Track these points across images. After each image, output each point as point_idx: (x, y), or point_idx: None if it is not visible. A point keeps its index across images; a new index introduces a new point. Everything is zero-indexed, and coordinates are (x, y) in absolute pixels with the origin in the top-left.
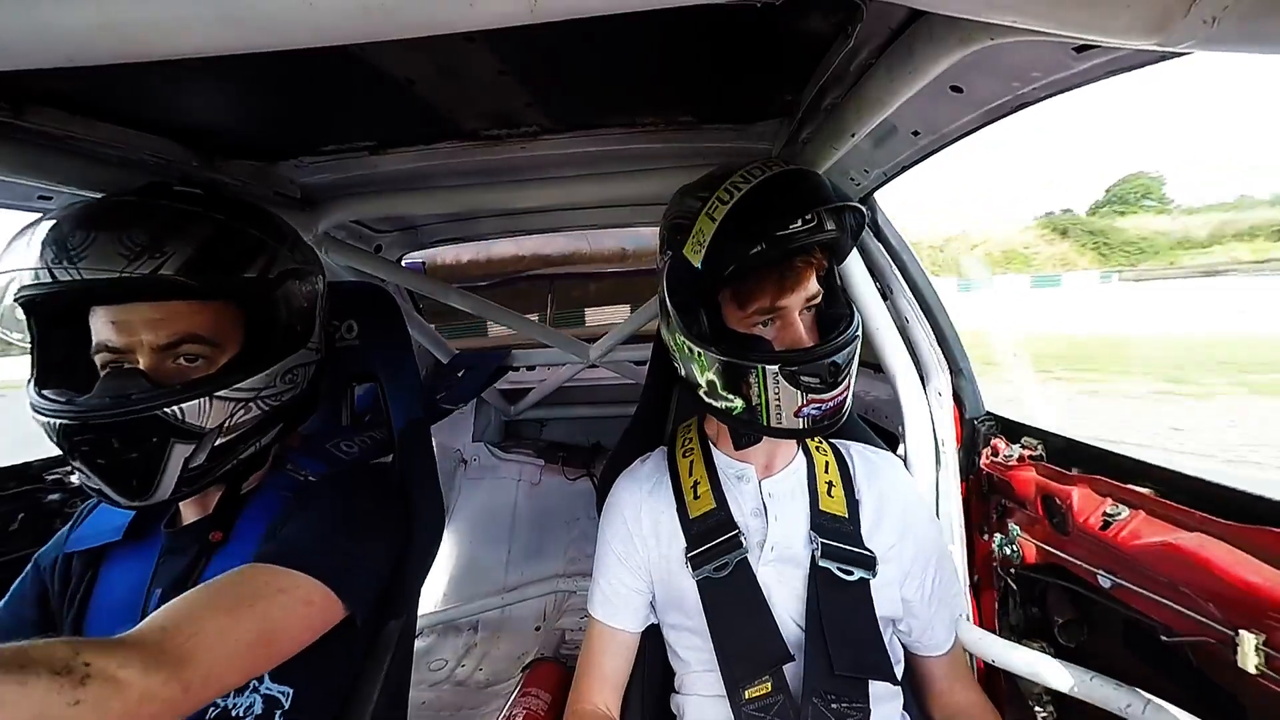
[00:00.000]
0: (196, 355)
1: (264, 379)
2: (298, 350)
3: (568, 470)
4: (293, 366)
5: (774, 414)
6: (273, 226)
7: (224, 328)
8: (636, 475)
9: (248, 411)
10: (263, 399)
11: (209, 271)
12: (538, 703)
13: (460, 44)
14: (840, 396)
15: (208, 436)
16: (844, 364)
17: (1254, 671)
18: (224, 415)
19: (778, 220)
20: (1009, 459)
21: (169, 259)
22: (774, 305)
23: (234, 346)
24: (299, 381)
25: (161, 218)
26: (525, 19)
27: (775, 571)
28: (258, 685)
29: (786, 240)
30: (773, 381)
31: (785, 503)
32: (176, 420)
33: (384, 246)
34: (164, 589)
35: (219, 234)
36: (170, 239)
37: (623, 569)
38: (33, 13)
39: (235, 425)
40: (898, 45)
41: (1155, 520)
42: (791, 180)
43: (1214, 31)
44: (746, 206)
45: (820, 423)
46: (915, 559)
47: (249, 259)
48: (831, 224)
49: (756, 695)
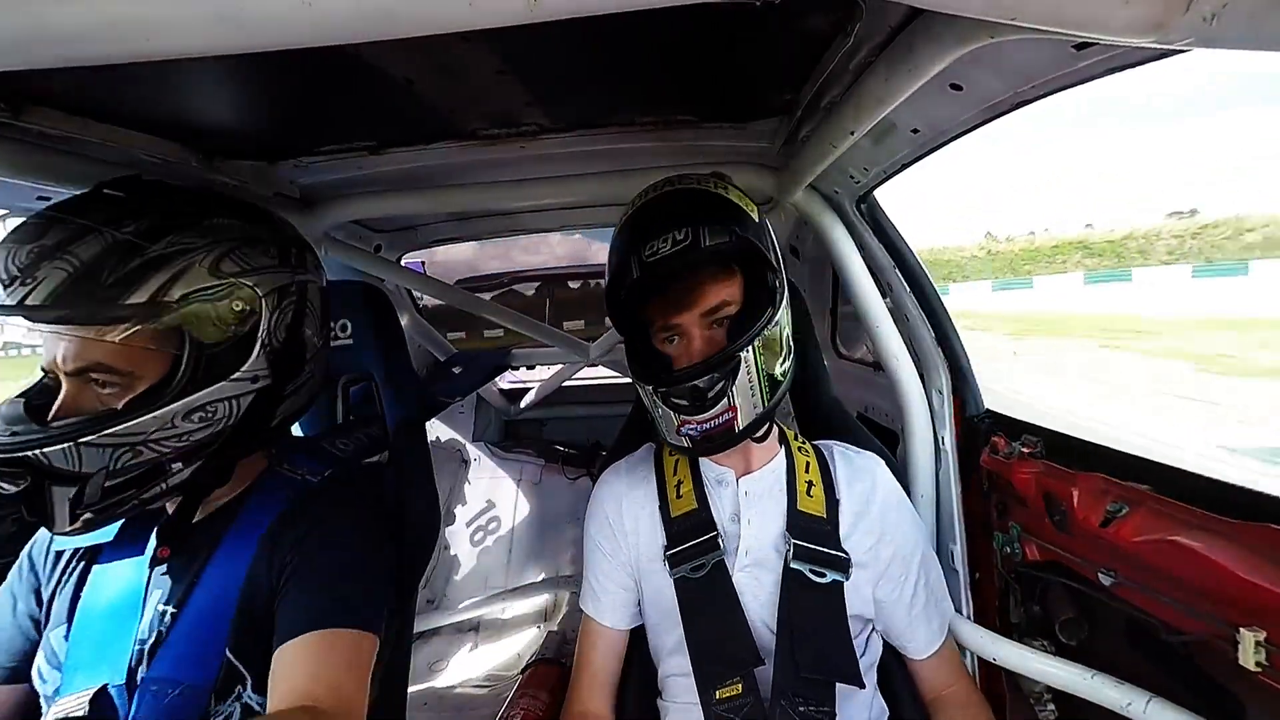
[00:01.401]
0: (108, 384)
1: (154, 421)
2: (214, 384)
3: (568, 470)
4: (204, 404)
5: (665, 431)
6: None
7: (136, 357)
8: (620, 471)
9: (135, 455)
10: (154, 442)
11: (80, 299)
12: (537, 703)
13: (460, 44)
14: (719, 418)
15: (90, 479)
16: (710, 386)
17: (1254, 669)
18: (102, 461)
19: (643, 245)
20: (1009, 457)
21: (38, 286)
22: (669, 323)
23: (152, 376)
24: (220, 418)
25: (53, 235)
26: (525, 18)
27: (750, 574)
28: (241, 691)
29: (657, 263)
30: (652, 401)
31: (762, 503)
32: (44, 464)
33: (384, 246)
34: (164, 590)
35: (103, 253)
36: (46, 262)
37: (608, 565)
38: (33, 13)
39: (123, 469)
40: (897, 43)
41: (1156, 517)
42: (664, 202)
43: (1213, 29)
44: (623, 235)
45: (702, 443)
46: (894, 561)
47: (137, 281)
48: (718, 239)
49: (727, 696)
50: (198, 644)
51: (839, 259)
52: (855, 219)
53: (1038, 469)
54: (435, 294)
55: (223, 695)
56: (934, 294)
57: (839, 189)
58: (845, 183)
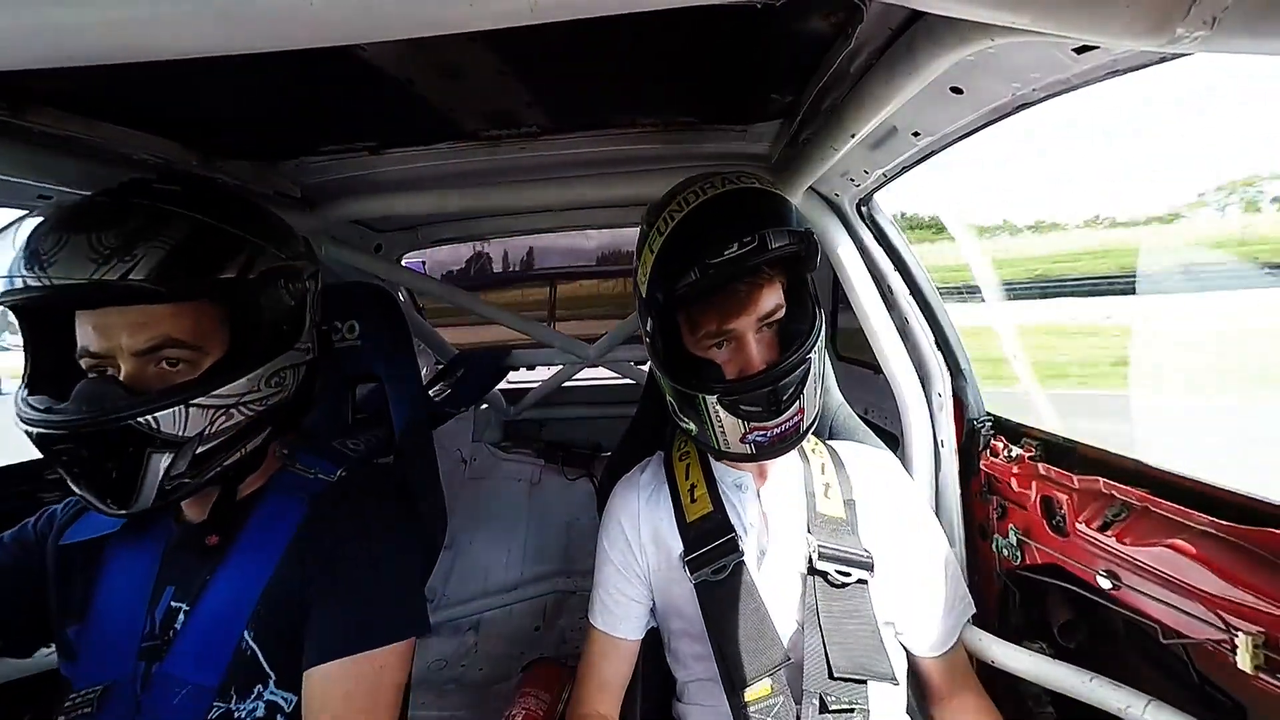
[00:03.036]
0: (178, 360)
1: (246, 384)
2: (284, 352)
3: (568, 470)
4: (279, 369)
5: (720, 439)
6: (257, 222)
7: (206, 331)
8: (634, 483)
9: (229, 418)
10: (245, 404)
11: (181, 274)
12: (537, 703)
13: (460, 44)
14: (789, 421)
15: (187, 445)
16: (785, 391)
17: (1251, 671)
18: (203, 423)
19: (710, 247)
20: (1009, 460)
21: (139, 263)
22: (721, 330)
23: (218, 350)
24: (287, 384)
25: (135, 218)
26: (525, 19)
27: (774, 575)
28: (262, 691)
29: (721, 268)
30: (714, 409)
31: (783, 506)
32: (152, 430)
33: (384, 246)
34: (176, 587)
35: (194, 234)
36: (141, 241)
37: (622, 578)
38: (33, 13)
39: (217, 432)
40: (898, 46)
41: (1154, 522)
42: (726, 202)
43: (1214, 32)
44: (679, 235)
45: (768, 448)
46: (913, 559)
47: (226, 259)
48: (781, 241)
49: (756, 698)
50: (208, 644)
51: (839, 262)
52: (856, 222)
53: (1037, 472)
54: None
55: (244, 693)
56: (934, 297)
57: (839, 192)
58: (846, 186)
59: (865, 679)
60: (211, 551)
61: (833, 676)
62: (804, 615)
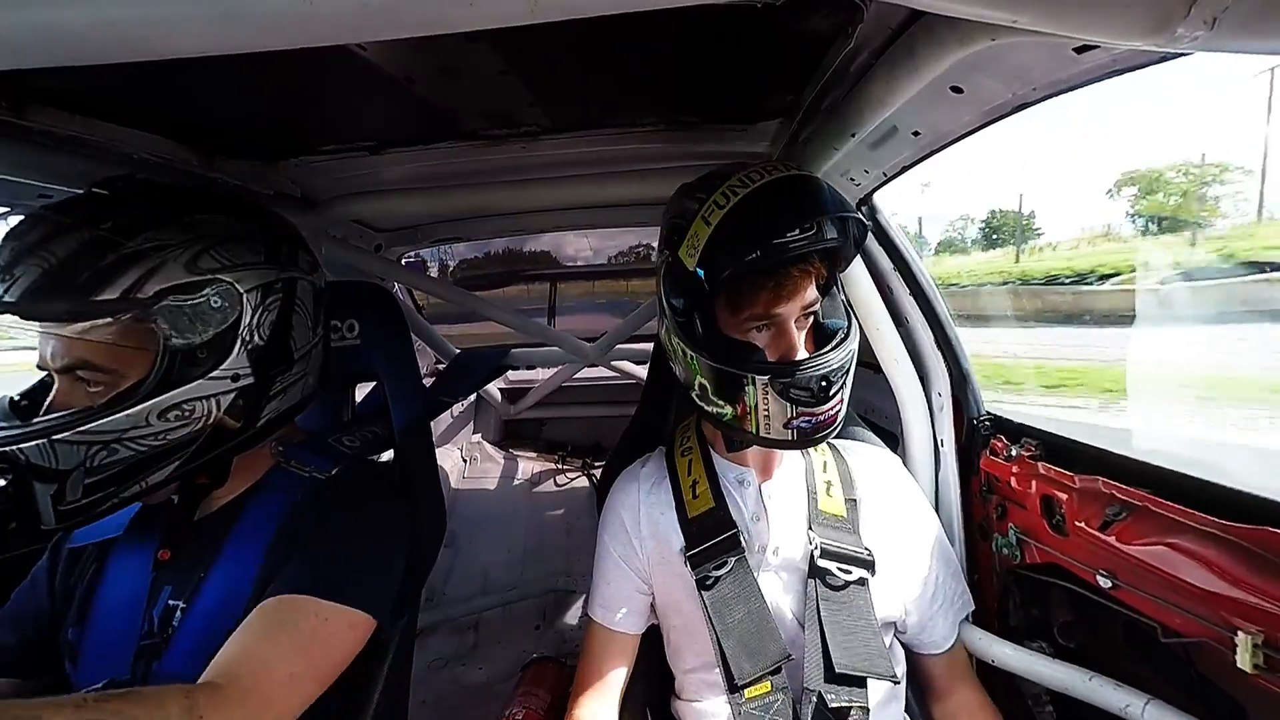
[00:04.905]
0: (93, 382)
1: (127, 419)
2: (192, 381)
3: (568, 470)
4: (180, 402)
5: (763, 424)
6: (178, 230)
7: (118, 354)
8: (635, 476)
9: (112, 453)
10: (130, 441)
11: (50, 296)
12: (537, 702)
13: (461, 44)
14: (832, 410)
15: (71, 476)
16: (836, 378)
17: (1251, 671)
18: (78, 458)
19: (775, 228)
20: (1009, 459)
21: (14, 284)
22: (768, 313)
23: (137, 374)
24: (198, 416)
25: (35, 232)
26: (525, 19)
27: (775, 572)
28: None
29: (783, 249)
30: (762, 392)
31: (785, 504)
32: (22, 460)
33: (384, 246)
34: (174, 586)
35: (78, 250)
36: (24, 259)
37: (621, 572)
38: (33, 13)
39: (99, 467)
40: (898, 45)
41: (1154, 521)
42: (791, 186)
43: (1214, 32)
44: (743, 211)
45: (810, 436)
46: (914, 557)
47: (108, 278)
48: (833, 232)
49: (756, 695)
50: (206, 641)
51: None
52: None
53: (1037, 472)
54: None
55: None
56: (935, 296)
57: (839, 191)
58: (846, 185)
59: (865, 678)
60: (206, 550)
61: (832, 675)
62: (804, 613)
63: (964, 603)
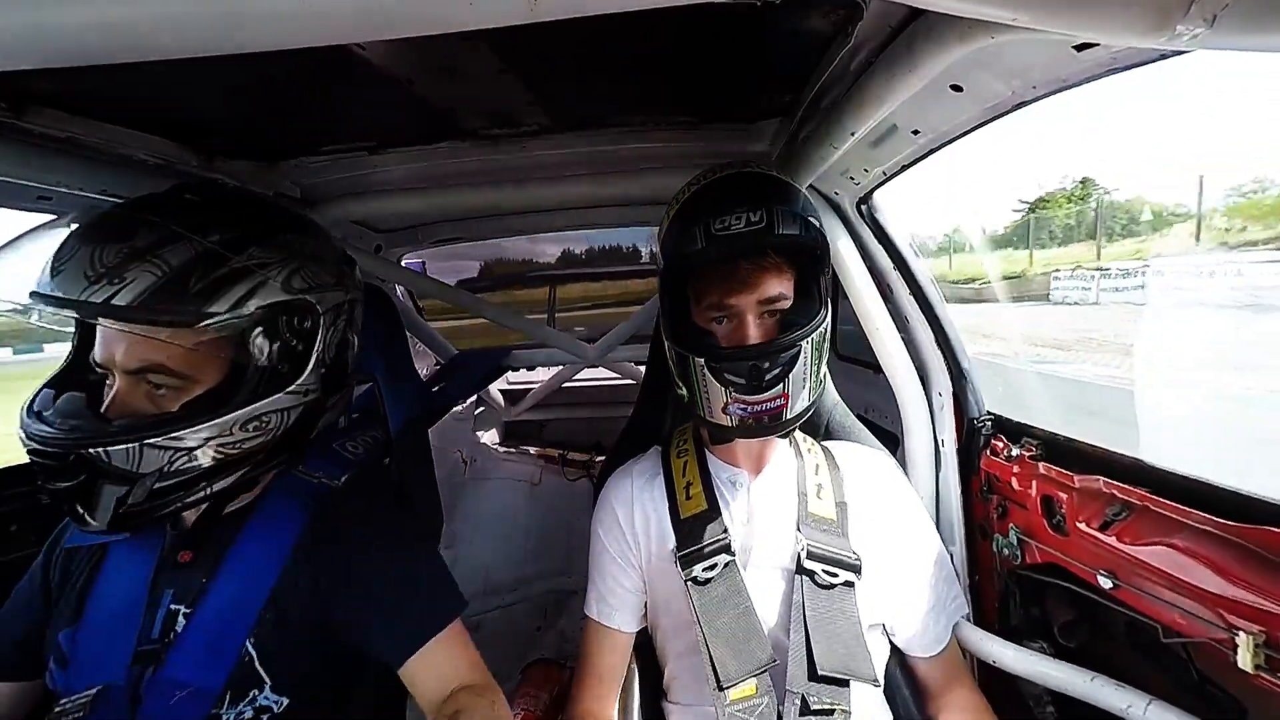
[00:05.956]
0: (164, 386)
1: (213, 428)
2: (272, 395)
3: (568, 471)
4: (261, 414)
5: (705, 407)
6: (280, 248)
7: (198, 361)
8: (628, 471)
9: (191, 460)
10: (210, 448)
11: (167, 303)
12: (537, 703)
13: (460, 43)
14: (772, 402)
15: (142, 480)
16: (770, 370)
17: (1253, 671)
18: (159, 462)
19: (716, 218)
20: (1009, 459)
21: (125, 287)
22: (722, 303)
23: (211, 381)
24: (270, 428)
25: (142, 236)
26: (525, 18)
27: (762, 574)
28: (256, 695)
29: (727, 239)
30: (700, 374)
31: (774, 505)
32: (104, 463)
33: (384, 246)
34: (175, 590)
35: (191, 260)
36: (136, 263)
37: (617, 567)
38: (33, 13)
39: (175, 471)
40: (897, 44)
41: (1155, 521)
42: (739, 180)
43: (1214, 30)
44: (693, 204)
45: (748, 423)
46: (904, 561)
47: (220, 290)
48: (787, 228)
49: (740, 698)
50: (210, 647)
51: (839, 261)
52: (855, 221)
53: (1037, 472)
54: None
55: (237, 698)
56: (935, 296)
57: (839, 190)
58: (846, 184)
59: (847, 679)
60: (206, 556)
61: (815, 676)
62: (789, 614)
63: (957, 606)
